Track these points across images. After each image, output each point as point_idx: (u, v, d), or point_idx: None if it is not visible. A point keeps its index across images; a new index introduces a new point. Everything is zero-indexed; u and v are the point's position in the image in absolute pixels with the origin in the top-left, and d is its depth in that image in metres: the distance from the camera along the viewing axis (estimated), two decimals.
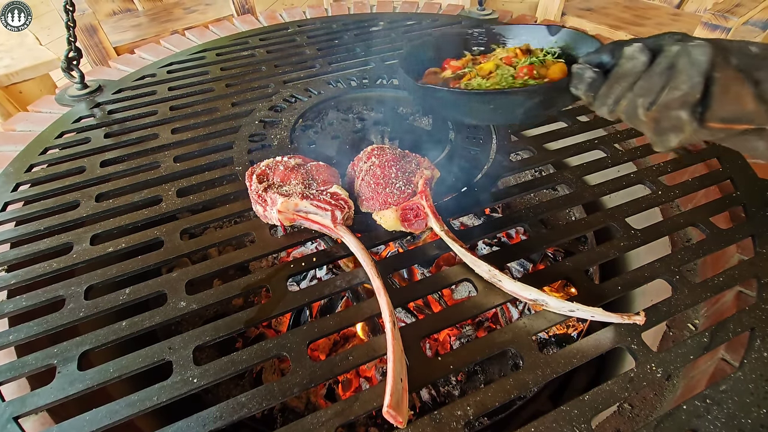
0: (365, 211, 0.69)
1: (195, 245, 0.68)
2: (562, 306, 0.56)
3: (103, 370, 0.52)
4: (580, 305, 0.55)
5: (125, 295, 0.61)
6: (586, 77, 0.56)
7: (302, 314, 0.91)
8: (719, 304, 0.68)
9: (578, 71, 0.58)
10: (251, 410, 0.49)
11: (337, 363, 0.53)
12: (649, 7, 2.11)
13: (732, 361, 0.57)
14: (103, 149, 0.91)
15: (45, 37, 2.71)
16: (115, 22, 2.03)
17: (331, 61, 1.24)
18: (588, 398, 0.49)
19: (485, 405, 0.49)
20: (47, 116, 1.06)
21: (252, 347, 0.54)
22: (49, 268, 0.65)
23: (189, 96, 1.09)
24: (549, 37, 0.78)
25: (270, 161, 0.72)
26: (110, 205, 0.76)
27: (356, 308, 0.60)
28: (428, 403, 0.79)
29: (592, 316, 0.55)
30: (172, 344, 0.55)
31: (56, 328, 0.57)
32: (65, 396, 0.50)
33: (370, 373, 0.84)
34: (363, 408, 0.49)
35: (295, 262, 0.65)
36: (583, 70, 0.57)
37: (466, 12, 1.61)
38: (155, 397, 0.50)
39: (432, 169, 0.72)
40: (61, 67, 1.07)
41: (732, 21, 1.45)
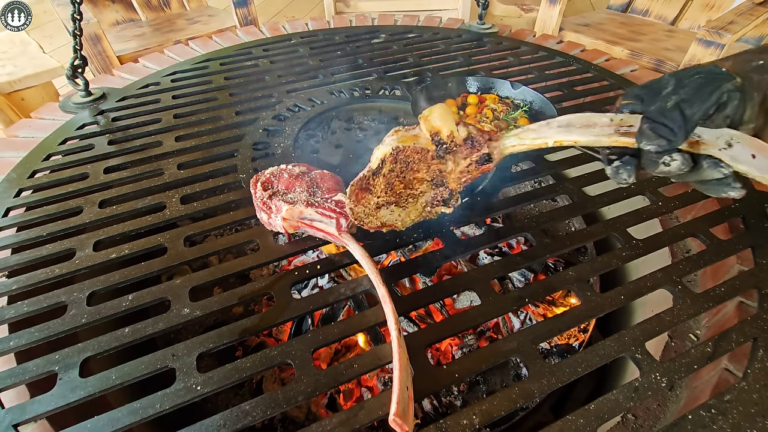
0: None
1: (198, 252, 0.68)
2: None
3: (105, 377, 0.52)
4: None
5: (128, 301, 0.60)
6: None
7: (304, 323, 0.90)
8: (720, 314, 0.69)
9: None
10: (255, 418, 0.49)
11: (341, 371, 0.53)
12: (644, 23, 2.15)
13: (735, 371, 0.58)
14: (106, 156, 0.91)
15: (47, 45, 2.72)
16: (118, 31, 2.04)
17: (333, 71, 1.26)
18: (593, 408, 0.49)
19: (491, 414, 0.49)
20: (50, 123, 1.06)
21: (256, 355, 0.54)
22: (51, 273, 0.65)
23: (193, 104, 1.10)
24: (512, 90, 1.02)
25: (274, 169, 0.73)
26: (114, 212, 0.76)
27: (360, 316, 0.59)
28: (430, 413, 0.79)
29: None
30: (176, 351, 0.54)
31: (58, 334, 0.57)
32: (66, 403, 0.50)
33: (372, 382, 0.83)
34: (368, 417, 0.49)
35: (299, 270, 0.65)
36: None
37: (465, 26, 1.64)
38: (158, 405, 0.49)
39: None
40: (66, 75, 1.08)
41: (726, 37, 1.48)
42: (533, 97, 0.98)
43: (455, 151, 0.59)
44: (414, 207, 0.63)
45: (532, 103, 0.98)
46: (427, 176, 0.60)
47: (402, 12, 1.99)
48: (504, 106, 0.95)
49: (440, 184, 0.61)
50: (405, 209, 0.63)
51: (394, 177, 0.60)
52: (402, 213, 0.63)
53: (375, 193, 0.61)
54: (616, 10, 2.30)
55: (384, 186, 0.61)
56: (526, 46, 1.45)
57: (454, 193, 0.62)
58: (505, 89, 1.02)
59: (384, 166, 0.59)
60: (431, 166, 0.60)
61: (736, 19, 1.56)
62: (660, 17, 2.17)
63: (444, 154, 0.59)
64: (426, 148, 0.59)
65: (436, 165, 0.60)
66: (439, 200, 0.63)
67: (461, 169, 0.60)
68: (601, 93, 1.17)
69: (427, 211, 0.64)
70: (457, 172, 0.60)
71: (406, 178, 0.60)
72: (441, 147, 0.58)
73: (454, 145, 0.58)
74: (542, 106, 0.96)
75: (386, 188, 0.61)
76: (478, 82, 1.05)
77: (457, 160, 0.59)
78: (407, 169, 0.60)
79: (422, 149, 0.59)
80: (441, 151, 0.59)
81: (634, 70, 1.35)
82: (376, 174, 0.60)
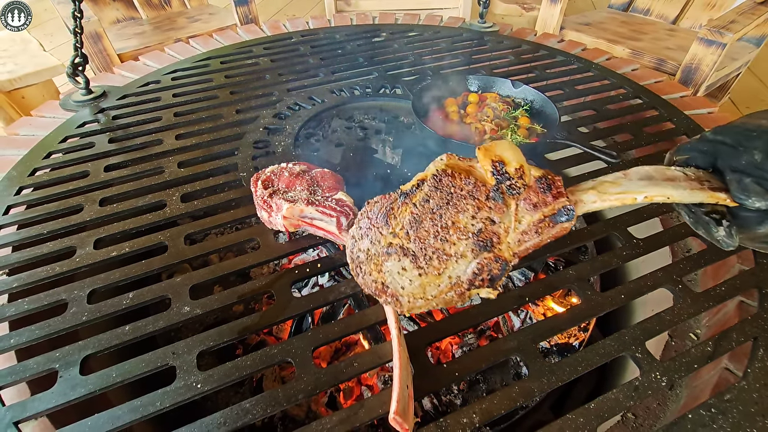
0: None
1: (199, 250, 0.68)
2: None
3: (105, 375, 0.52)
4: None
5: (128, 299, 0.60)
6: (720, 235, 0.46)
7: (304, 321, 0.90)
8: (721, 314, 0.69)
9: (726, 236, 0.46)
10: (255, 416, 0.49)
11: (342, 369, 0.53)
12: (646, 22, 2.15)
13: (735, 371, 0.58)
14: (107, 154, 0.91)
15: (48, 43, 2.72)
16: (118, 29, 2.04)
17: (334, 70, 1.25)
18: (593, 407, 0.49)
19: (491, 413, 0.49)
20: (51, 121, 1.06)
21: (256, 353, 0.54)
22: (51, 271, 0.65)
23: (193, 103, 1.10)
24: (513, 89, 1.01)
25: (275, 167, 0.73)
26: (114, 210, 0.76)
27: (360, 315, 0.59)
28: (430, 412, 0.79)
29: None
30: (176, 349, 0.54)
31: (58, 332, 0.57)
32: (66, 401, 0.50)
33: (372, 381, 0.83)
34: (368, 415, 0.49)
35: (300, 268, 0.65)
36: (730, 235, 0.46)
37: (467, 24, 1.63)
38: (158, 403, 0.49)
39: None
40: (67, 73, 1.08)
41: (727, 37, 1.48)
42: (534, 95, 0.98)
43: (520, 195, 0.44)
44: (436, 278, 0.45)
45: (533, 101, 0.98)
46: (471, 225, 0.44)
47: (403, 11, 1.98)
48: (505, 105, 0.95)
49: (487, 246, 0.43)
50: (423, 275, 0.45)
51: (428, 211, 0.45)
52: (415, 280, 0.45)
53: (393, 226, 0.46)
54: (618, 9, 2.30)
55: (409, 220, 0.45)
56: (527, 45, 1.45)
57: (507, 266, 0.44)
58: (506, 88, 1.02)
59: (419, 190, 0.46)
60: (481, 211, 0.44)
61: (738, 18, 1.55)
62: (661, 16, 2.16)
63: (505, 196, 0.44)
64: (481, 181, 0.45)
65: (488, 211, 0.44)
66: (481, 276, 0.43)
67: (526, 227, 0.44)
68: (602, 92, 1.17)
69: (456, 292, 0.44)
70: (519, 230, 0.44)
71: (442, 218, 0.45)
72: (504, 182, 0.44)
73: (521, 185, 0.44)
74: (543, 105, 0.95)
75: (411, 224, 0.45)
76: (479, 81, 1.05)
77: (521, 209, 0.44)
78: (448, 205, 0.45)
79: (476, 181, 0.45)
80: (503, 187, 0.44)
81: (636, 69, 1.35)
82: (405, 197, 0.46)
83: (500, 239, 0.44)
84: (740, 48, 1.85)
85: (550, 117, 0.92)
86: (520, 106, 0.98)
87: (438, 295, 0.45)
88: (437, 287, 0.45)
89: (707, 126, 1.02)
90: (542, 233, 0.44)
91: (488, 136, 0.87)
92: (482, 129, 0.89)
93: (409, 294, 0.45)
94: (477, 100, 0.99)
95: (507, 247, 0.44)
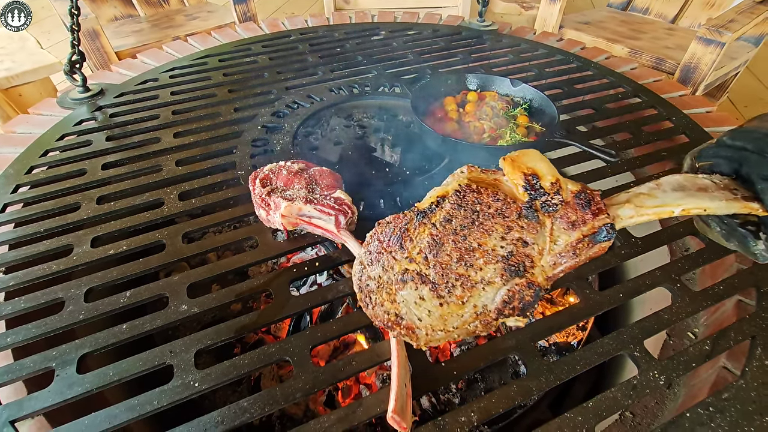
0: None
1: (197, 249, 0.68)
2: None
3: (102, 373, 0.52)
4: None
5: (126, 298, 0.60)
6: (759, 249, 0.44)
7: (302, 320, 0.90)
8: (719, 312, 0.69)
9: (758, 253, 0.44)
10: (253, 415, 0.48)
11: (340, 368, 0.53)
12: (645, 21, 2.14)
13: (733, 370, 0.58)
14: (104, 152, 0.91)
15: (45, 41, 2.71)
16: (116, 27, 2.03)
17: (333, 68, 1.25)
18: (591, 405, 0.49)
19: (489, 411, 0.49)
20: (48, 119, 1.05)
21: (254, 351, 0.54)
22: (48, 270, 0.64)
23: (191, 101, 1.09)
24: (512, 88, 1.02)
25: (273, 166, 0.72)
26: (111, 208, 0.76)
27: (358, 313, 0.59)
28: (428, 410, 0.79)
29: None
30: (174, 348, 0.54)
31: (55, 330, 0.57)
32: (63, 400, 0.50)
33: (371, 380, 0.83)
34: (366, 414, 0.49)
35: (298, 267, 0.65)
36: (760, 249, 0.44)
37: (466, 23, 1.63)
38: (156, 401, 0.49)
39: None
40: (64, 70, 1.07)
41: (726, 36, 1.48)
42: (533, 94, 0.98)
43: (556, 212, 0.39)
44: (459, 308, 0.40)
45: (531, 100, 0.98)
46: (501, 248, 0.39)
47: (402, 9, 1.98)
48: (503, 104, 0.95)
49: (519, 270, 0.39)
50: (444, 305, 0.40)
51: (450, 232, 0.40)
52: (435, 311, 0.40)
53: (408, 250, 0.41)
54: (617, 8, 2.30)
55: (428, 243, 0.40)
56: (526, 43, 1.45)
57: (540, 292, 0.39)
58: (505, 86, 1.02)
59: (439, 209, 0.41)
60: (512, 231, 0.39)
61: (737, 17, 1.55)
62: (660, 15, 2.16)
63: (539, 213, 0.39)
64: (511, 197, 0.40)
65: (520, 231, 0.39)
66: (512, 304, 0.39)
67: (563, 248, 0.39)
68: (601, 91, 1.17)
69: (482, 322, 0.40)
70: (555, 251, 0.39)
71: (467, 240, 0.40)
72: (538, 198, 0.39)
73: (558, 202, 0.39)
74: (542, 104, 0.95)
75: (431, 247, 0.40)
76: (478, 80, 1.04)
77: (557, 229, 0.40)
78: (473, 225, 0.40)
79: (505, 198, 0.40)
80: (536, 204, 0.39)
81: (634, 68, 1.35)
82: (423, 217, 0.41)
83: (533, 262, 0.39)
84: (739, 47, 1.85)
85: (549, 116, 0.92)
86: (518, 104, 0.97)
87: (461, 326, 0.40)
88: (460, 317, 0.40)
89: (706, 125, 1.02)
90: (580, 254, 0.39)
91: (487, 135, 0.87)
92: (481, 127, 0.89)
93: (427, 326, 0.41)
94: (476, 98, 0.99)
95: (540, 270, 0.39)
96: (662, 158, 0.91)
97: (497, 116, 0.92)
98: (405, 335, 0.42)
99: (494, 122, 0.90)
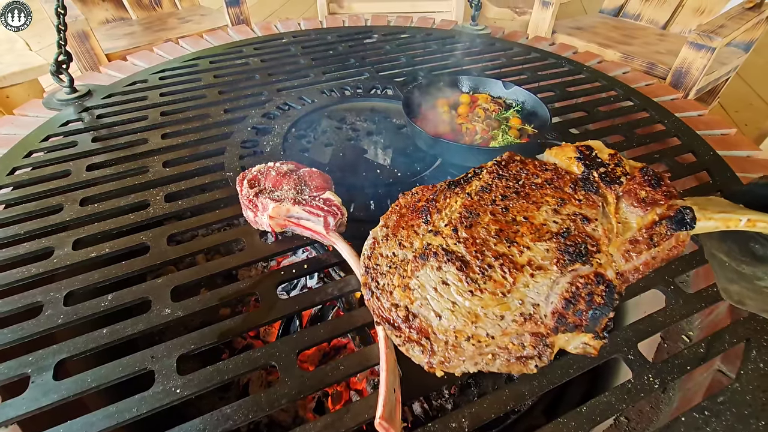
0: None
1: (182, 251, 0.66)
2: None
3: (80, 380, 0.50)
4: None
5: (107, 301, 0.58)
6: None
7: (292, 324, 0.88)
8: (713, 315, 0.68)
9: None
10: (237, 422, 0.47)
11: (327, 373, 0.51)
12: (636, 27, 2.16)
13: (728, 373, 0.57)
14: (90, 153, 0.89)
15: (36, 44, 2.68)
16: (108, 29, 2.02)
17: (325, 71, 1.24)
18: (585, 410, 0.48)
19: (481, 417, 0.47)
20: (33, 120, 1.03)
21: (239, 357, 0.52)
22: (27, 273, 0.62)
23: (181, 102, 1.08)
24: (504, 90, 1.00)
25: (262, 166, 0.71)
26: (95, 210, 0.74)
27: (347, 317, 0.58)
28: (421, 417, 0.77)
29: None
30: (155, 353, 0.52)
31: (32, 335, 0.55)
32: (38, 407, 0.48)
33: (361, 385, 0.81)
34: (354, 420, 0.47)
35: (286, 269, 0.63)
36: None
37: (459, 27, 1.63)
38: (135, 409, 0.47)
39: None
40: (50, 71, 1.06)
41: (716, 41, 1.49)
42: (525, 97, 0.97)
43: (621, 186, 0.32)
44: (497, 303, 0.29)
45: (524, 103, 0.97)
46: (554, 222, 0.29)
47: (395, 13, 1.98)
48: (496, 106, 0.95)
49: (581, 253, 0.29)
50: (476, 295, 0.29)
51: (488, 202, 0.31)
52: (463, 304, 0.30)
53: (435, 223, 0.32)
54: (609, 14, 2.32)
55: (461, 213, 0.31)
56: (518, 47, 1.45)
57: (614, 292, 0.30)
58: (497, 89, 1.01)
59: (476, 178, 0.33)
60: (568, 204, 0.30)
61: (727, 23, 1.57)
62: (651, 21, 2.18)
63: (600, 185, 0.31)
64: (564, 168, 0.32)
65: (576, 205, 0.30)
66: (578, 306, 0.28)
67: (636, 232, 0.31)
68: (593, 94, 1.17)
69: (531, 334, 0.29)
70: (627, 237, 0.31)
71: (509, 212, 0.30)
72: (595, 168, 0.31)
73: (621, 173, 0.32)
74: (534, 106, 0.95)
75: (463, 218, 0.30)
76: (471, 82, 1.04)
77: (623, 207, 0.31)
78: (518, 195, 0.30)
79: (555, 168, 0.32)
80: (595, 175, 0.31)
81: (627, 72, 1.35)
82: (456, 186, 0.33)
83: (598, 246, 0.30)
84: (729, 53, 1.87)
85: (541, 118, 0.91)
86: (511, 106, 0.97)
87: (498, 337, 0.29)
88: (498, 321, 0.29)
89: (698, 128, 1.02)
90: (658, 244, 0.31)
91: (479, 137, 0.86)
92: (473, 129, 0.88)
93: (447, 329, 0.29)
94: (468, 100, 0.98)
95: (609, 260, 0.30)
96: (655, 160, 0.90)
97: (489, 118, 0.91)
98: (415, 343, 0.31)
99: (486, 124, 0.89)
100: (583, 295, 0.28)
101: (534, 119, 0.93)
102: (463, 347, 0.29)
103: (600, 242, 0.30)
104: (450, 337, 0.29)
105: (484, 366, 0.29)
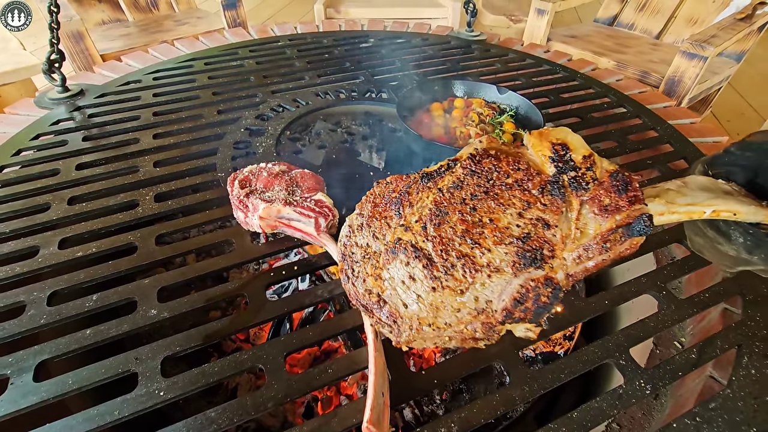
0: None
1: (171, 251, 0.65)
2: None
3: (60, 381, 0.48)
4: None
5: (92, 301, 0.57)
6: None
7: (282, 327, 0.87)
8: (705, 321, 0.68)
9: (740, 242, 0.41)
10: (221, 426, 0.46)
11: (315, 376, 0.50)
12: (630, 36, 2.19)
13: (720, 379, 0.56)
14: (80, 152, 0.88)
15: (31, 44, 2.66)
16: (104, 30, 2.01)
17: (320, 74, 1.24)
18: (576, 416, 0.48)
19: (470, 422, 0.46)
20: (24, 119, 1.02)
21: (225, 359, 0.51)
22: (11, 272, 0.61)
23: (174, 102, 1.07)
24: (498, 95, 1.00)
25: (253, 167, 0.70)
26: (83, 209, 0.73)
27: (338, 319, 0.57)
28: (411, 422, 0.76)
29: None
30: (139, 354, 0.51)
31: (13, 336, 0.53)
32: (16, 410, 0.46)
33: (352, 390, 0.80)
34: (342, 424, 0.46)
35: (275, 271, 0.63)
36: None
37: (455, 33, 1.64)
38: (116, 412, 0.46)
39: None
40: (43, 69, 1.05)
41: (708, 50, 1.51)
42: (519, 102, 0.97)
43: (587, 191, 0.33)
44: (455, 297, 0.33)
45: (518, 107, 0.97)
46: (516, 227, 0.32)
47: (392, 19, 1.99)
48: (490, 110, 0.95)
49: (536, 259, 0.31)
50: (438, 290, 0.33)
51: (457, 200, 0.33)
52: (426, 297, 0.33)
53: (406, 217, 0.34)
54: (603, 23, 2.34)
55: (430, 210, 0.33)
56: (513, 53, 1.46)
57: (559, 294, 0.33)
58: (492, 94, 1.01)
59: (449, 173, 0.34)
60: (532, 208, 0.32)
61: (719, 33, 1.59)
62: (645, 31, 2.21)
63: (567, 190, 0.32)
64: (534, 168, 0.33)
65: (541, 210, 0.32)
66: (525, 305, 0.32)
67: (592, 238, 0.32)
68: (587, 100, 1.18)
69: (483, 323, 0.33)
70: (582, 241, 0.32)
71: (476, 212, 0.33)
72: (566, 173, 0.33)
73: (590, 179, 0.33)
74: (528, 112, 0.95)
75: (432, 216, 0.33)
76: (465, 86, 1.04)
77: (585, 213, 0.33)
78: (486, 195, 0.32)
79: (528, 168, 0.33)
80: (564, 179, 0.32)
81: (620, 79, 1.36)
82: (428, 180, 0.35)
83: (554, 251, 0.31)
84: (721, 63, 1.89)
85: (534, 123, 0.91)
86: (505, 111, 0.97)
87: (455, 325, 0.33)
88: (455, 312, 0.33)
89: (690, 135, 1.03)
90: (610, 249, 0.32)
91: (473, 140, 0.86)
92: (467, 133, 0.88)
93: (413, 317, 0.33)
94: (462, 104, 0.98)
95: (561, 264, 0.32)
96: (648, 166, 0.91)
97: (483, 122, 0.91)
98: (385, 324, 0.35)
99: (480, 128, 0.89)
100: (531, 296, 0.31)
101: (528, 124, 0.93)
102: (425, 331, 0.34)
103: (556, 247, 0.32)
104: (414, 323, 0.34)
105: (441, 345, 0.35)
